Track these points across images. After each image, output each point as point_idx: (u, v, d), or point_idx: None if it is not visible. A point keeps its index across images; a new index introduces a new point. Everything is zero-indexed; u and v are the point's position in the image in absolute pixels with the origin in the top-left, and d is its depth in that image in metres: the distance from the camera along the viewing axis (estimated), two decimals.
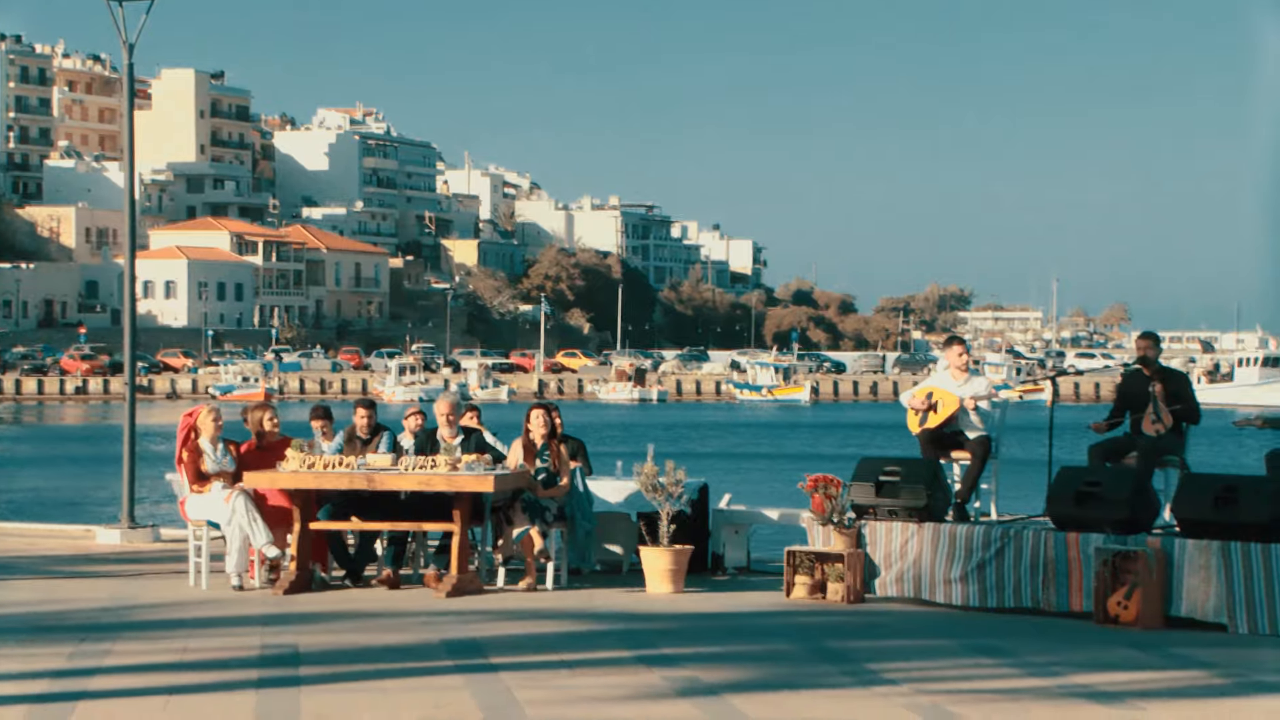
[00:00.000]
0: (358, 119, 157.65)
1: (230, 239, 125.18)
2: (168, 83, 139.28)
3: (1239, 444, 50.65)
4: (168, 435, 19.90)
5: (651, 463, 12.85)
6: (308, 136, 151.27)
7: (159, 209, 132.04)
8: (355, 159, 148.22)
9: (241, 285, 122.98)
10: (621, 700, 8.65)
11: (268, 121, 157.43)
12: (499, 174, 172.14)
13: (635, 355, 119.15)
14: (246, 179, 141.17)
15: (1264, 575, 10.84)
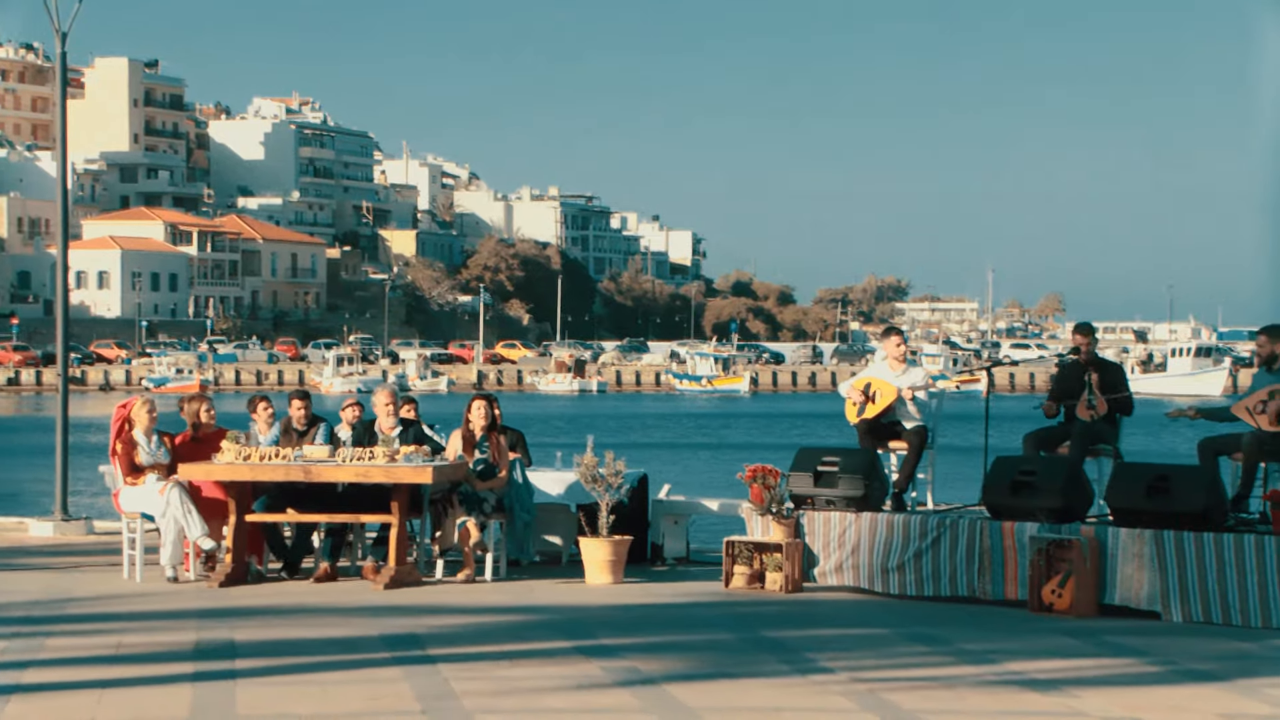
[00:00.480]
0: (294, 108, 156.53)
1: (165, 229, 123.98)
2: (101, 71, 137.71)
3: (1175, 432, 51.29)
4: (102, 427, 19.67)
5: (591, 454, 12.86)
6: (243, 126, 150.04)
7: (92, 199, 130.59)
8: (291, 149, 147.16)
9: (176, 276, 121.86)
10: (560, 691, 8.66)
11: (202, 111, 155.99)
12: (437, 164, 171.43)
13: (575, 346, 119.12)
14: (181, 168, 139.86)
15: (1196, 564, 10.99)
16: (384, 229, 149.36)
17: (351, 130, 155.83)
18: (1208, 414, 12.42)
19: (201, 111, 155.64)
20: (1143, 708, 8.32)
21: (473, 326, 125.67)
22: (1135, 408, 12.85)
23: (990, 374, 14.55)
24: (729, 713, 8.16)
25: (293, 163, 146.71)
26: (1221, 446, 11.81)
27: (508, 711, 8.18)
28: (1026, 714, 8.24)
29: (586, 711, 8.22)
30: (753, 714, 8.17)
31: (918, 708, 8.29)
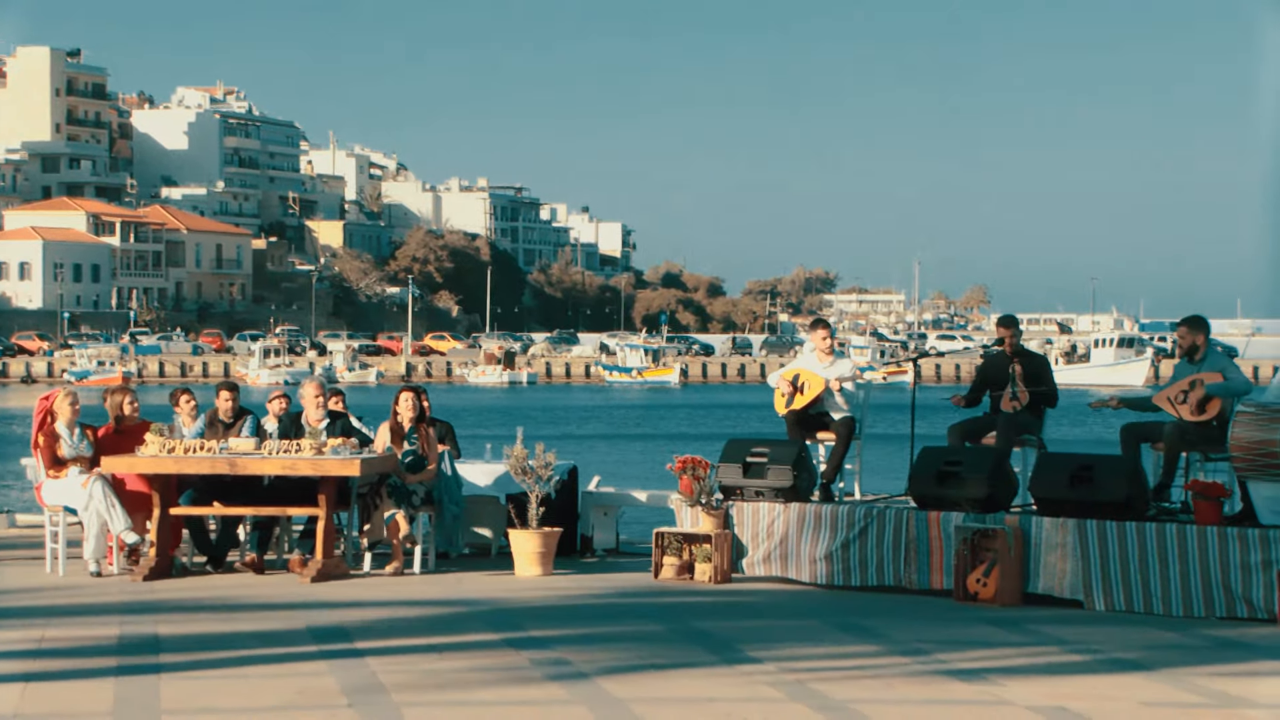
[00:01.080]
0: (218, 98, 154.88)
1: (87, 219, 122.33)
2: (23, 60, 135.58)
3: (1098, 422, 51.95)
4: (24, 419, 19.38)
5: (521, 446, 12.85)
6: (167, 115, 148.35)
7: (13, 189, 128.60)
8: (216, 138, 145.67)
9: (98, 267, 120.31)
10: (489, 684, 8.65)
11: (125, 100, 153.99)
12: (364, 154, 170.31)
13: (504, 338, 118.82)
14: (104, 158, 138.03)
15: (1119, 553, 11.14)
16: (311, 220, 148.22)
17: (277, 120, 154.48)
18: (1130, 403, 12.59)
19: (125, 101, 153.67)
20: (1067, 696, 8.42)
21: (401, 318, 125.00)
22: (1059, 398, 13.00)
23: (917, 365, 14.69)
24: (658, 704, 8.18)
25: (217, 152, 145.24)
26: (1143, 433, 11.97)
27: (436, 704, 8.16)
28: (953, 703, 8.32)
29: (515, 704, 8.21)
30: (682, 705, 8.20)
31: (845, 697, 8.35)
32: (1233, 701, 8.34)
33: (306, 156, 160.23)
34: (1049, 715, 8.00)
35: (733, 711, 8.05)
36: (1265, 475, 11.03)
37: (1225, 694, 8.52)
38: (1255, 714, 8.03)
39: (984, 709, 8.15)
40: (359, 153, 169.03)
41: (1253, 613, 10.68)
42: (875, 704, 8.20)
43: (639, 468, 37.11)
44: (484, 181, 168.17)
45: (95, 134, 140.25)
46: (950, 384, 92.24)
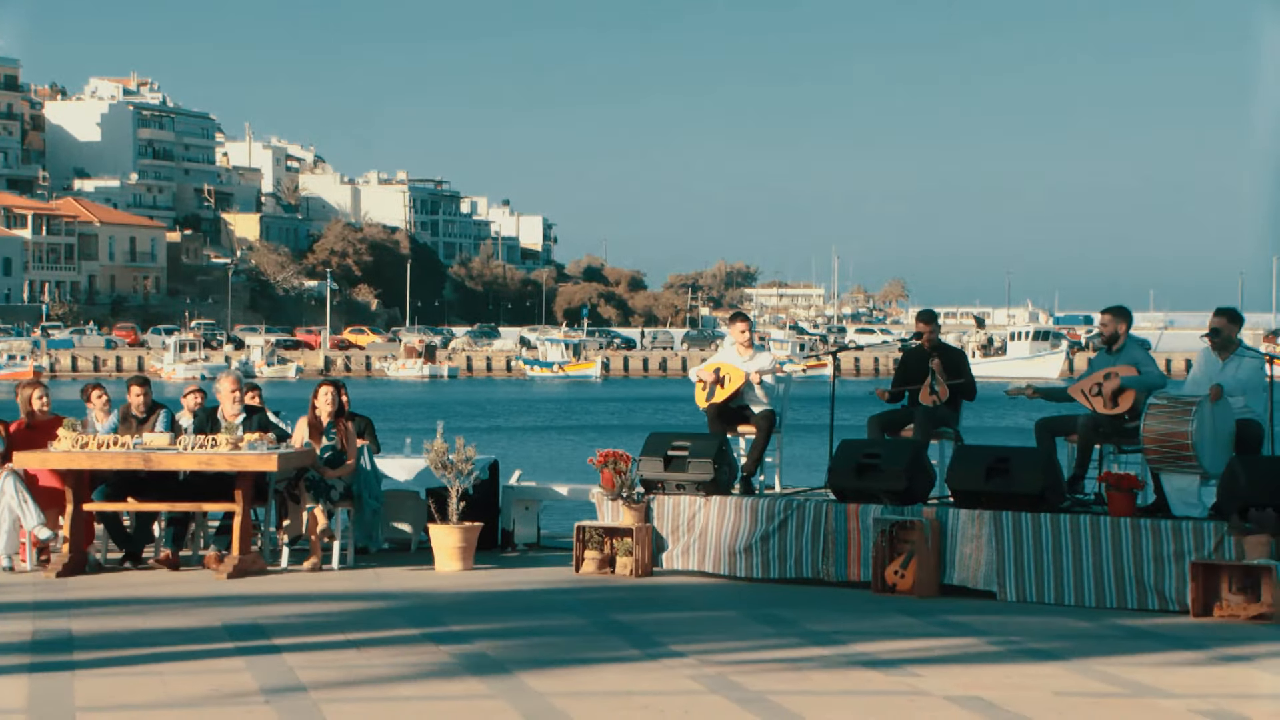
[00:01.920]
0: (132, 89, 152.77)
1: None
2: None
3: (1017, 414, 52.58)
4: None
5: (441, 440, 12.82)
6: (79, 107, 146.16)
7: None
8: (129, 130, 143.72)
9: (9, 260, 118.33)
10: (409, 679, 8.64)
11: (37, 91, 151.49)
12: (281, 147, 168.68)
13: (425, 332, 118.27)
14: (15, 150, 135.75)
15: (1033, 544, 11.30)
16: (226, 212, 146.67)
17: (192, 111, 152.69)
18: (1045, 394, 12.77)
19: (36, 92, 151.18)
20: (982, 686, 8.54)
21: (319, 312, 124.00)
22: (977, 391, 13.17)
23: (836, 359, 14.81)
24: (578, 697, 8.20)
25: (131, 144, 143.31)
26: (1058, 428, 12.15)
27: (354, 700, 8.14)
28: (870, 693, 8.42)
29: (435, 699, 8.20)
30: (602, 698, 8.23)
31: (764, 689, 8.42)
32: (1145, 691, 8.49)
33: (222, 149, 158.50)
34: (964, 705, 8.11)
35: (652, 704, 8.09)
36: (1177, 467, 11.24)
37: (1138, 683, 8.67)
38: (1167, 703, 8.19)
39: (901, 699, 8.25)
40: (276, 145, 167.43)
41: (1164, 604, 10.88)
42: (793, 695, 8.28)
43: (560, 462, 37.11)
44: (403, 174, 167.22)
45: (7, 125, 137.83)
46: (869, 377, 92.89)
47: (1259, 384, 11.71)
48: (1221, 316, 11.89)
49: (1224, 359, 11.78)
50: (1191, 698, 8.27)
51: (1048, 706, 8.08)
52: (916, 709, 8.02)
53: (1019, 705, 8.09)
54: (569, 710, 7.90)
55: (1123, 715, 7.95)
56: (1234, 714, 7.91)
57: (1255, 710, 7.99)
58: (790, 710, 7.95)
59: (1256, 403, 11.68)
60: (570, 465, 34.49)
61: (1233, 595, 10.59)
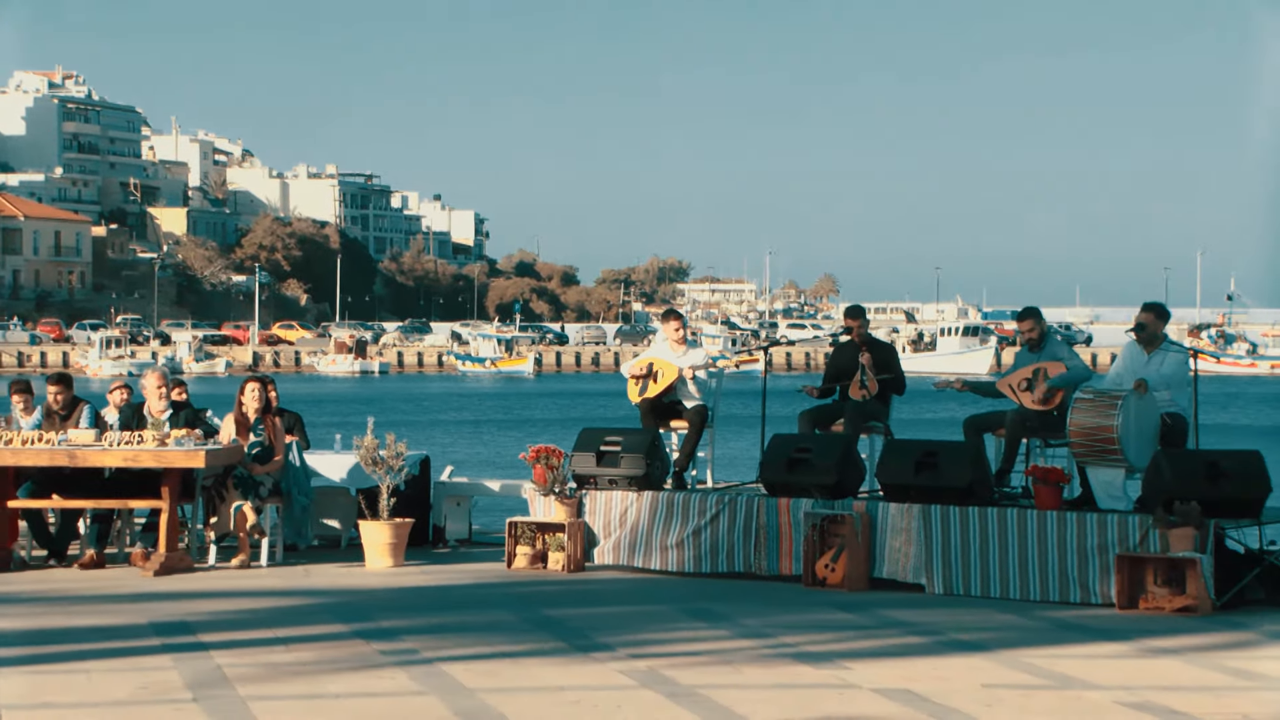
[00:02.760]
0: (57, 82, 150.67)
1: None
2: None
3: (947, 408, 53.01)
4: None
5: (371, 436, 12.77)
6: (3, 100, 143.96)
7: None
8: (54, 123, 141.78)
9: None
10: (337, 674, 8.60)
11: None
12: (209, 140, 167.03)
13: (355, 327, 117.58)
14: None
15: (960, 537, 11.41)
16: (153, 207, 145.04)
17: (118, 105, 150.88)
18: (974, 386, 12.89)
19: None
20: (912, 678, 8.62)
21: (248, 307, 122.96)
22: (906, 386, 13.27)
23: (768, 354, 14.87)
24: (509, 693, 8.20)
25: (56, 138, 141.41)
26: (985, 424, 12.27)
27: (283, 697, 8.09)
28: (800, 686, 8.47)
29: (364, 695, 8.17)
30: (533, 693, 8.23)
31: (696, 683, 8.45)
32: (1071, 683, 8.60)
33: (149, 142, 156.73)
34: (894, 697, 8.18)
35: (584, 699, 8.10)
36: (1103, 460, 11.37)
37: (1065, 675, 8.78)
38: (1093, 695, 8.29)
39: (831, 692, 8.31)
40: (203, 138, 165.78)
41: (1090, 597, 11.01)
42: (724, 689, 8.32)
43: (493, 458, 37.02)
44: (333, 168, 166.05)
45: None
46: (801, 372, 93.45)
47: (1183, 378, 11.87)
48: (1149, 311, 12.05)
49: (1149, 353, 11.95)
50: (1117, 689, 8.38)
51: (976, 699, 8.16)
52: (846, 702, 8.08)
53: (947, 698, 8.16)
54: (500, 706, 7.89)
55: (1049, 707, 8.05)
56: (1159, 705, 8.02)
57: (1180, 701, 8.11)
58: (721, 704, 7.98)
59: (1181, 396, 11.86)
60: (502, 461, 34.43)
61: (1158, 588, 10.74)
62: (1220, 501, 10.85)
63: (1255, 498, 11.00)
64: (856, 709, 7.92)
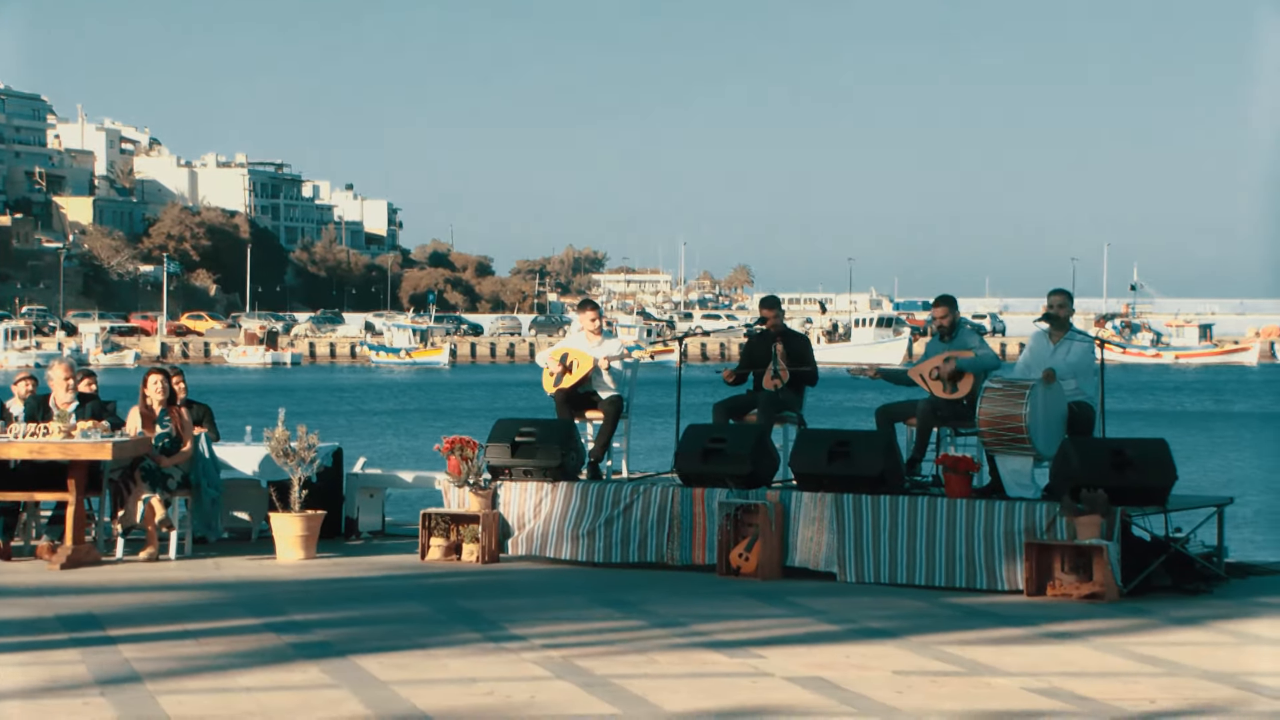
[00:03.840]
0: None
1: None
2: None
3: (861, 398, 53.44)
4: None
5: (282, 427, 12.68)
6: None
7: None
8: None
9: None
10: (248, 668, 8.54)
11: None
12: (115, 129, 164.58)
13: (266, 318, 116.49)
14: None
15: (872, 525, 11.53)
16: (59, 196, 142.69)
17: (22, 93, 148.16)
18: (886, 374, 13.03)
19: None
20: (824, 665, 8.70)
21: (156, 297, 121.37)
22: (820, 377, 13.39)
23: (683, 344, 14.93)
24: (422, 684, 8.19)
25: None
26: (897, 413, 12.41)
27: (193, 691, 8.02)
28: (714, 675, 8.52)
29: (276, 689, 8.12)
30: (446, 684, 8.22)
31: (610, 672, 8.48)
32: (980, 669, 8.72)
33: (54, 131, 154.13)
34: (806, 685, 8.26)
35: (498, 689, 8.11)
36: (1011, 449, 11.54)
37: (974, 662, 8.90)
38: (1002, 681, 8.42)
39: (744, 680, 8.37)
40: (110, 127, 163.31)
41: (999, 584, 11.17)
42: (638, 678, 8.36)
43: (406, 449, 36.84)
44: (242, 157, 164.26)
45: None
46: (715, 362, 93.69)
47: (1089, 367, 12.08)
48: (1057, 296, 12.24)
49: (1056, 342, 12.14)
50: (1025, 675, 8.51)
51: (887, 685, 8.26)
52: (759, 690, 8.15)
53: (859, 685, 8.26)
54: (413, 697, 7.88)
55: (959, 693, 8.16)
56: (1066, 691, 8.16)
57: (1085, 687, 8.25)
58: (635, 693, 8.02)
59: (1088, 385, 12.06)
60: (416, 452, 34.27)
61: (1065, 575, 10.91)
62: (1127, 489, 11.04)
63: (1161, 486, 11.20)
64: (769, 697, 7.99)
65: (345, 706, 7.73)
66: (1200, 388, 71.95)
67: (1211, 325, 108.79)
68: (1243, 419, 49.75)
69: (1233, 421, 48.19)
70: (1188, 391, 68.74)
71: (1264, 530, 19.33)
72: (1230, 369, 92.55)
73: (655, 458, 21.29)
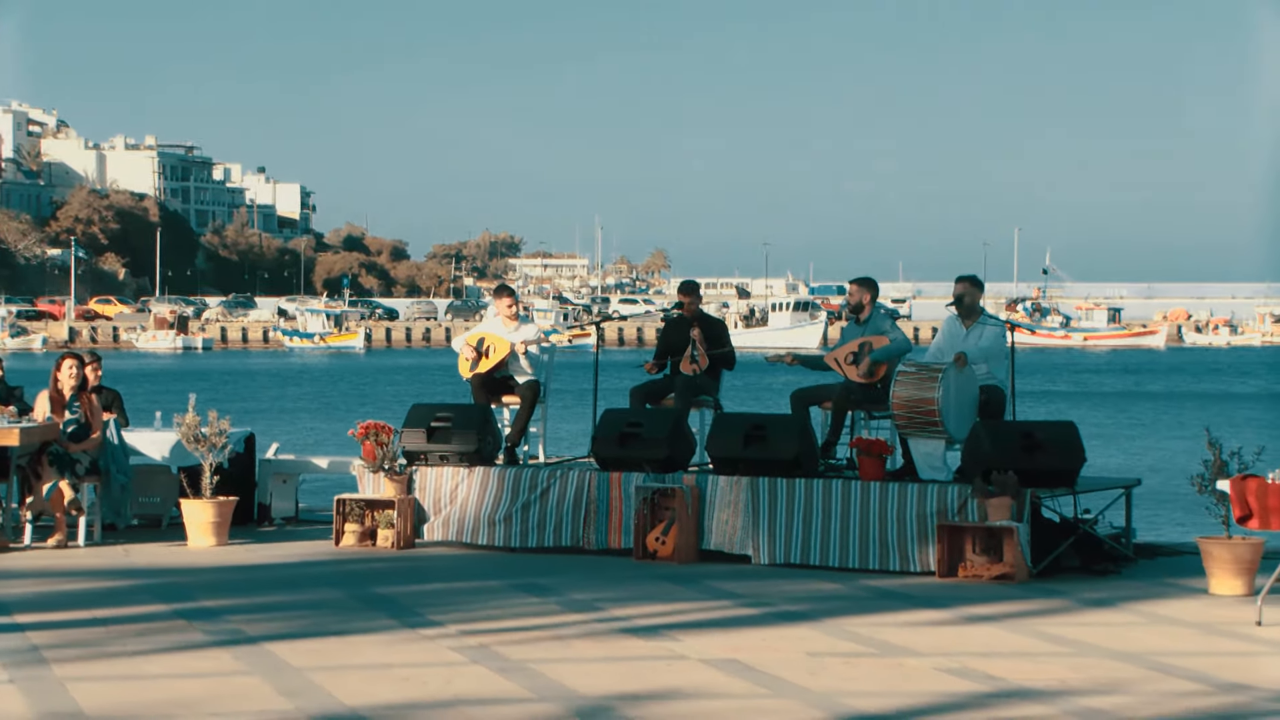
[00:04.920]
0: None
1: None
2: None
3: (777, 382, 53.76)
4: None
5: (193, 413, 12.57)
6: None
7: None
8: None
9: None
10: (158, 655, 8.47)
11: None
12: (22, 111, 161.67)
13: (176, 302, 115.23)
14: None
15: (786, 508, 11.63)
16: None
17: None
18: (803, 360, 13.13)
19: None
20: (739, 649, 8.77)
21: (64, 282, 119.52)
22: (737, 361, 13.46)
23: (600, 329, 14.96)
24: (336, 671, 8.16)
25: None
26: (812, 397, 12.51)
27: (102, 679, 7.94)
28: (630, 659, 8.57)
29: (186, 676, 8.07)
30: (361, 671, 8.20)
31: (525, 658, 8.50)
32: (893, 650, 8.83)
33: None
34: (721, 668, 8.32)
35: (413, 675, 8.10)
36: (924, 432, 11.68)
37: (886, 643, 9.01)
38: (914, 662, 8.53)
39: (660, 664, 8.42)
40: (16, 109, 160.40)
41: (909, 565, 11.30)
42: (554, 663, 8.38)
43: (320, 434, 36.59)
44: (152, 140, 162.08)
45: None
46: (633, 347, 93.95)
47: (1001, 350, 12.24)
48: (964, 282, 12.38)
49: (968, 326, 12.28)
50: (937, 656, 8.63)
51: (801, 667, 8.34)
52: (675, 673, 8.20)
53: (774, 666, 8.33)
54: (327, 684, 7.85)
55: (872, 674, 8.26)
56: (978, 671, 8.29)
57: (996, 667, 8.38)
58: (551, 678, 8.04)
59: (999, 369, 12.22)
60: (331, 438, 34.04)
61: (976, 556, 11.07)
62: (1037, 472, 11.21)
63: (1070, 468, 11.38)
64: (684, 680, 8.04)
65: (258, 694, 7.68)
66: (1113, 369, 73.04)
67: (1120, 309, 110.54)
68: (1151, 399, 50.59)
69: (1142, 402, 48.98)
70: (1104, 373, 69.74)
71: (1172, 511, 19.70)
72: (1138, 352, 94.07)
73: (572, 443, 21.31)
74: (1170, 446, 32.66)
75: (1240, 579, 10.45)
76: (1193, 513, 14.34)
